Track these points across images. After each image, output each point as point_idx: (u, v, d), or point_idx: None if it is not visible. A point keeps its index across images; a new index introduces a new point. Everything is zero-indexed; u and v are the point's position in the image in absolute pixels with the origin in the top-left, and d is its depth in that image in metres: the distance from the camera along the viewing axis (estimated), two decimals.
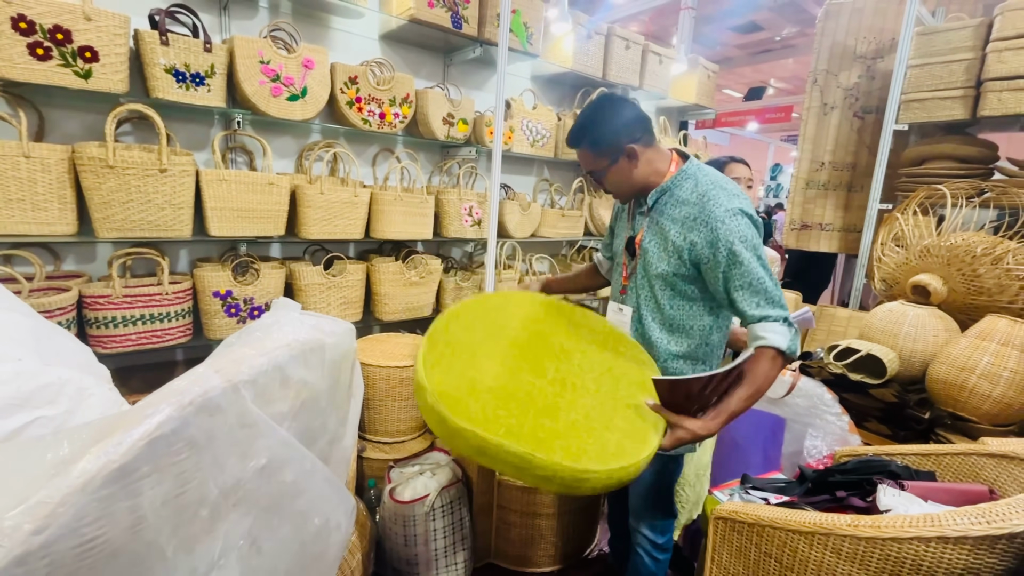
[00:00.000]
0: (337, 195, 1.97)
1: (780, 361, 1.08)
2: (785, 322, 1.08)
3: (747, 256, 1.08)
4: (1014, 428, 1.72)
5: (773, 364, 1.08)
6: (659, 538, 1.41)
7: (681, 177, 1.19)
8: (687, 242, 1.14)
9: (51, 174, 1.46)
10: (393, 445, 1.99)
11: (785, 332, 1.07)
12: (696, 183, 1.17)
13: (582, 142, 1.22)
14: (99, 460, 0.42)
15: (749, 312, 1.10)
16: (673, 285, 1.20)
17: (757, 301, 1.09)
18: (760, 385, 1.08)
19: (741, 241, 1.08)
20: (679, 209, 1.17)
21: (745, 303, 1.10)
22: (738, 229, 1.09)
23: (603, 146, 1.20)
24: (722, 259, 1.10)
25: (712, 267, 1.12)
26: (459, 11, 2.19)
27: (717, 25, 6.73)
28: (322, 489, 0.72)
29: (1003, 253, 1.86)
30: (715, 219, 1.09)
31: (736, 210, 1.10)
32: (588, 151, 1.22)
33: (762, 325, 1.09)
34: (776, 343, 1.06)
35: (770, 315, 1.08)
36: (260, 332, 0.67)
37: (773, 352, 1.07)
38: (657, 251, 1.21)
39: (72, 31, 1.43)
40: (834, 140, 3.07)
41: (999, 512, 0.93)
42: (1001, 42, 2.24)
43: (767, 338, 1.07)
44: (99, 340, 1.61)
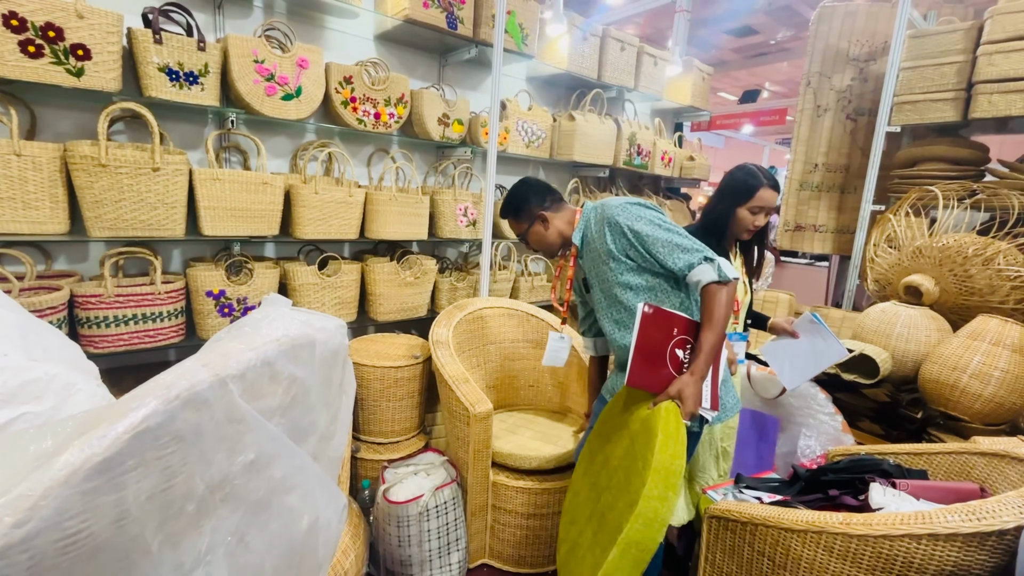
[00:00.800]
0: (332, 195, 1.97)
1: (721, 289, 1.21)
2: (706, 260, 1.23)
3: (648, 228, 1.27)
4: (1005, 427, 1.73)
5: (718, 295, 1.21)
6: None
7: (585, 214, 1.45)
8: (609, 244, 1.33)
9: (43, 172, 1.45)
10: (387, 445, 1.98)
11: (710, 268, 1.22)
12: (595, 210, 1.40)
13: (506, 215, 1.53)
14: (83, 453, 0.42)
15: (677, 267, 1.25)
16: (628, 284, 1.35)
17: (675, 256, 1.25)
18: (717, 316, 1.21)
19: (637, 219, 1.29)
20: (594, 231, 1.38)
21: (670, 262, 1.26)
22: (630, 214, 1.30)
23: (520, 214, 1.49)
24: (632, 238, 1.29)
25: (634, 249, 1.30)
26: (454, 12, 2.19)
27: (712, 28, 6.77)
28: (312, 486, 0.72)
29: (994, 254, 1.88)
30: (612, 216, 1.32)
31: (623, 204, 1.33)
32: (512, 220, 1.53)
33: (692, 271, 1.24)
34: (708, 278, 1.21)
35: (692, 261, 1.24)
36: (249, 327, 0.67)
37: (710, 286, 1.22)
38: (601, 267, 1.38)
39: (64, 29, 1.42)
40: (827, 142, 3.09)
41: (989, 510, 0.93)
42: (991, 45, 2.27)
43: (700, 279, 1.23)
44: (90, 340, 1.60)
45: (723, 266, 1.22)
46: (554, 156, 2.82)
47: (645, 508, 0.99)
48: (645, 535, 0.98)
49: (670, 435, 1.08)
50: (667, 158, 3.26)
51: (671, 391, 1.19)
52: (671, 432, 1.08)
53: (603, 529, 1.15)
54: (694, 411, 1.17)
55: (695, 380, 1.19)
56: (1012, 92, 2.21)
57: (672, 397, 1.18)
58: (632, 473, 1.12)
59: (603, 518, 1.18)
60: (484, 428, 1.68)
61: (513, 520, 1.79)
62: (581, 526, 1.31)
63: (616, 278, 1.35)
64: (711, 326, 1.21)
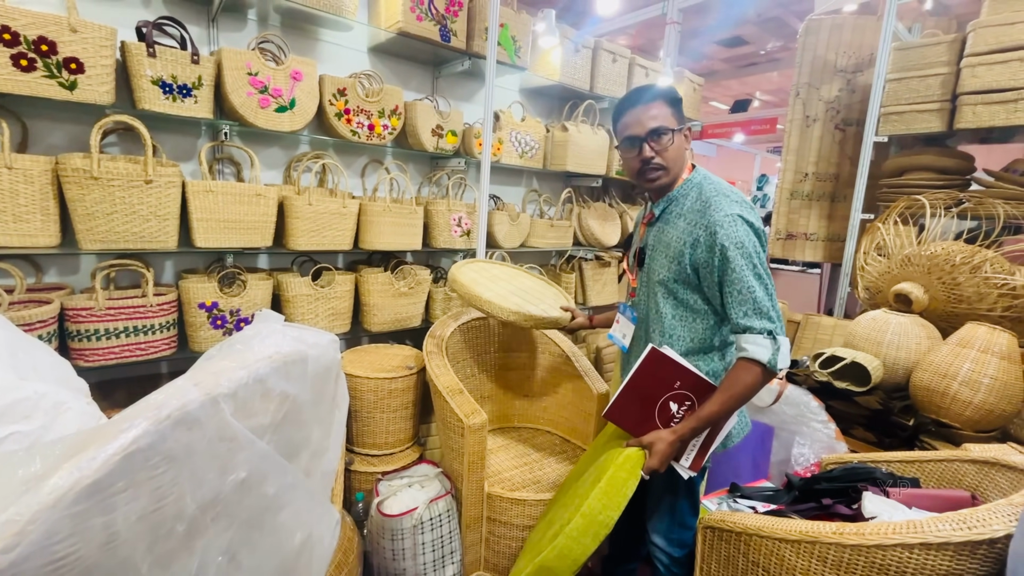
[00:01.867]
0: (325, 206, 1.97)
1: (759, 373, 1.07)
2: (770, 335, 1.07)
3: (740, 262, 1.07)
4: (996, 433, 1.75)
5: (750, 375, 1.07)
6: (676, 551, 1.34)
7: (687, 186, 1.20)
8: (688, 247, 1.14)
9: (34, 185, 1.45)
10: (381, 457, 1.97)
11: (767, 345, 1.06)
12: (700, 191, 1.17)
13: (665, 96, 1.18)
14: (72, 476, 0.41)
15: (736, 320, 1.10)
16: (675, 293, 1.19)
17: (744, 310, 1.08)
18: (734, 393, 1.08)
19: (736, 246, 1.07)
20: (683, 217, 1.17)
21: (733, 310, 1.09)
22: (735, 234, 1.08)
23: (678, 107, 1.18)
24: (717, 262, 1.09)
25: (708, 270, 1.12)
26: (447, 25, 2.22)
27: (703, 39, 6.86)
28: (304, 503, 0.71)
29: (981, 262, 1.90)
30: (714, 223, 1.09)
31: (735, 216, 1.09)
32: (668, 106, 1.17)
33: (745, 336, 1.09)
34: (756, 355, 1.06)
35: (754, 327, 1.07)
36: (241, 344, 0.67)
37: (751, 364, 1.07)
38: (660, 258, 1.20)
39: (57, 43, 1.43)
40: (817, 152, 3.13)
41: (980, 518, 0.94)
42: (974, 57, 2.31)
43: (747, 350, 1.07)
44: (81, 353, 1.58)
45: (782, 354, 1.07)
46: (547, 166, 2.84)
47: (560, 542, 1.04)
48: (556, 565, 1.03)
49: (613, 485, 1.05)
50: None
51: (644, 439, 1.13)
52: (616, 483, 1.06)
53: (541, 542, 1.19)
54: (657, 468, 1.10)
55: (672, 440, 1.11)
56: (995, 103, 2.26)
57: (643, 446, 1.12)
58: (571, 508, 1.14)
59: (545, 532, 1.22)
60: (479, 439, 1.67)
61: (509, 532, 1.77)
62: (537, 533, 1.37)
63: (666, 279, 1.18)
64: (723, 399, 1.09)
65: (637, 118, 1.17)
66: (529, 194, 3.09)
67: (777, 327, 1.08)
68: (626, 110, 1.19)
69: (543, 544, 1.15)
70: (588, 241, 3.08)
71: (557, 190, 3.20)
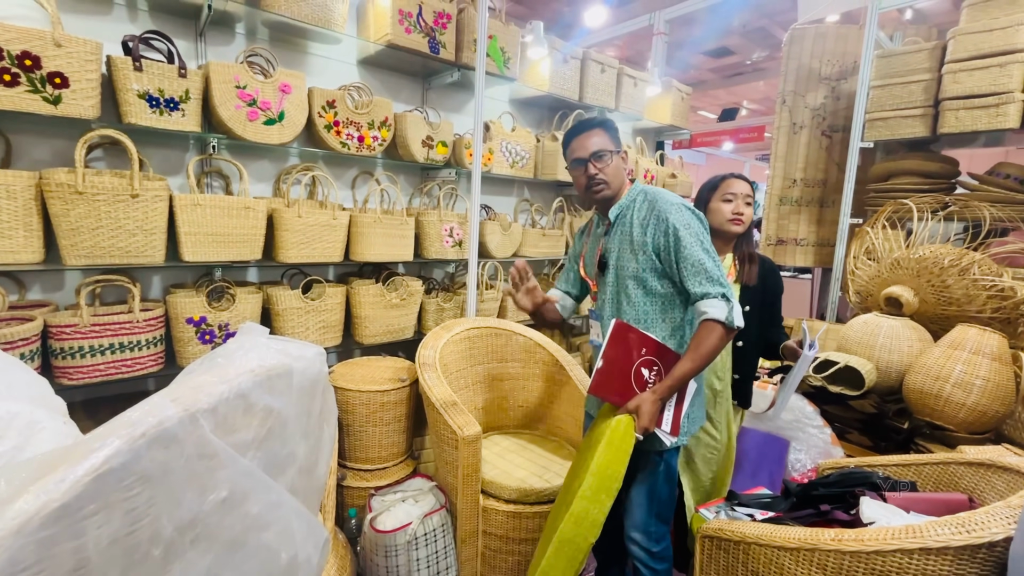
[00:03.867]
0: (315, 218, 1.96)
1: (721, 330, 1.22)
2: (723, 297, 1.23)
3: (689, 239, 1.25)
4: (990, 435, 1.75)
5: (714, 333, 1.22)
6: (654, 546, 1.40)
7: (633, 193, 1.41)
8: (648, 236, 1.31)
9: (17, 201, 1.43)
10: (374, 472, 1.93)
11: (723, 306, 1.22)
12: (645, 194, 1.38)
13: (600, 125, 1.39)
14: (38, 499, 0.39)
15: (693, 290, 1.25)
16: (644, 282, 1.34)
17: (699, 280, 1.24)
18: (703, 351, 1.22)
19: (685, 227, 1.26)
20: (636, 216, 1.36)
21: (689, 281, 1.26)
22: (682, 218, 1.28)
23: (615, 134, 1.41)
24: (672, 243, 1.27)
25: (667, 252, 1.29)
26: (436, 37, 2.23)
27: (690, 50, 6.97)
28: (290, 521, 0.69)
29: (969, 264, 1.92)
30: (665, 211, 1.29)
31: (679, 204, 1.31)
32: (606, 134, 1.39)
33: (703, 302, 1.24)
34: (715, 315, 1.21)
35: (710, 292, 1.23)
36: (223, 358, 0.65)
37: (713, 323, 1.22)
38: (626, 255, 1.36)
39: (41, 57, 1.41)
40: (804, 158, 3.17)
41: (978, 521, 0.93)
42: (955, 64, 2.36)
43: (708, 312, 1.22)
44: (65, 371, 1.55)
45: (735, 312, 1.22)
46: (538, 176, 2.85)
47: (577, 507, 1.06)
48: (576, 533, 1.05)
49: (613, 444, 1.13)
50: (649, 176, 3.31)
51: (630, 405, 1.23)
52: (616, 441, 1.14)
53: (552, 529, 1.21)
54: (647, 427, 1.21)
55: (654, 399, 1.23)
56: (977, 108, 2.29)
57: (630, 411, 1.22)
58: (577, 478, 1.19)
59: (555, 519, 1.24)
60: (473, 452, 1.65)
61: (505, 546, 1.74)
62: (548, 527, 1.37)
63: (637, 271, 1.33)
64: (693, 357, 1.23)
65: (582, 144, 1.39)
66: (521, 203, 3.09)
67: (727, 291, 1.24)
68: (573, 138, 1.42)
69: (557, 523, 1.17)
70: None
71: (548, 199, 3.21)
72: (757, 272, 1.70)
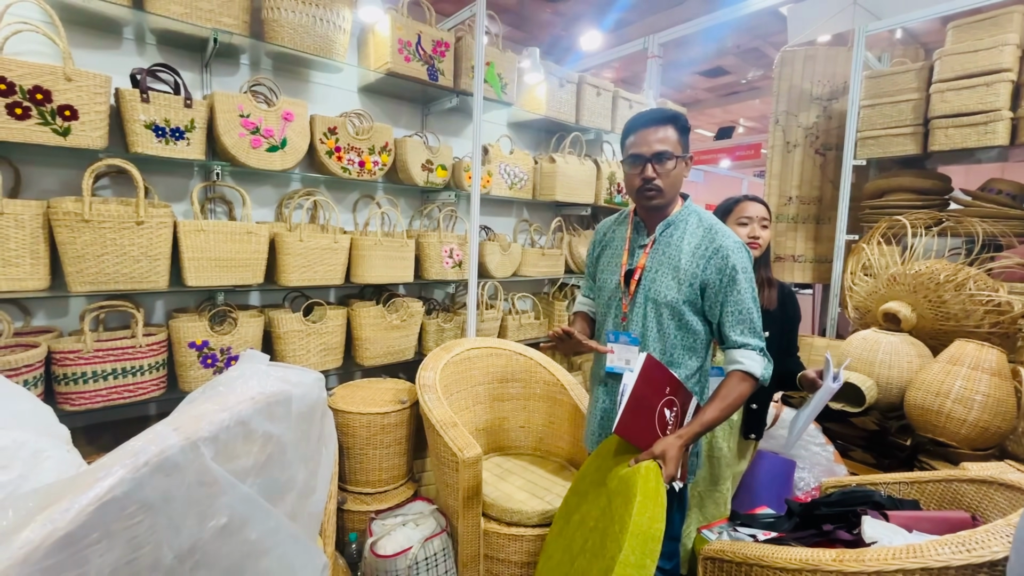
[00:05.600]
0: (317, 242, 1.99)
1: (752, 384, 1.20)
2: (761, 352, 1.21)
3: (744, 285, 1.20)
4: (993, 451, 1.74)
5: (745, 386, 1.19)
6: (665, 563, 1.37)
7: (686, 212, 1.29)
8: (699, 268, 1.22)
9: (25, 230, 1.46)
10: (375, 495, 1.92)
11: (761, 361, 1.20)
12: (700, 218, 1.28)
13: (675, 121, 1.23)
14: (44, 529, 0.41)
15: (732, 337, 1.21)
16: (680, 315, 1.24)
17: (742, 329, 1.21)
18: (731, 402, 1.19)
19: (743, 271, 1.21)
20: (687, 240, 1.25)
21: (731, 328, 1.22)
22: (743, 260, 1.21)
23: (686, 139, 1.25)
24: (726, 283, 1.20)
25: (715, 291, 1.22)
26: (435, 64, 2.29)
27: (685, 70, 7.11)
28: (289, 547, 0.70)
29: (964, 279, 1.93)
30: (726, 248, 1.21)
31: (741, 244, 1.24)
32: (676, 132, 1.23)
33: (741, 351, 1.21)
34: (752, 369, 1.19)
35: (750, 343, 1.21)
36: (223, 386, 0.66)
37: (747, 376, 1.20)
38: (666, 279, 1.25)
39: (52, 91, 1.46)
40: (799, 176, 3.21)
41: (979, 540, 0.93)
42: (942, 83, 2.41)
43: (744, 364, 1.20)
44: (68, 397, 1.56)
45: (769, 370, 1.21)
46: (537, 197, 2.89)
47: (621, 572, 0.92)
48: None
49: (649, 496, 1.02)
50: None
51: (655, 450, 1.12)
52: (651, 493, 1.02)
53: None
54: (674, 475, 1.12)
55: (681, 445, 1.14)
56: (966, 126, 2.34)
57: (656, 456, 1.12)
58: (608, 537, 1.05)
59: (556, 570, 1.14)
60: (474, 474, 1.64)
61: (507, 570, 1.72)
62: None
63: (674, 301, 1.23)
64: (721, 407, 1.17)
65: (645, 138, 1.22)
66: (520, 224, 3.13)
67: (764, 346, 1.22)
68: (636, 129, 1.24)
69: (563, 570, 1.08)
70: (580, 268, 3.10)
71: (547, 219, 3.24)
72: (776, 297, 1.64)
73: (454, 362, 2.08)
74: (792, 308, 1.68)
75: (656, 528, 0.98)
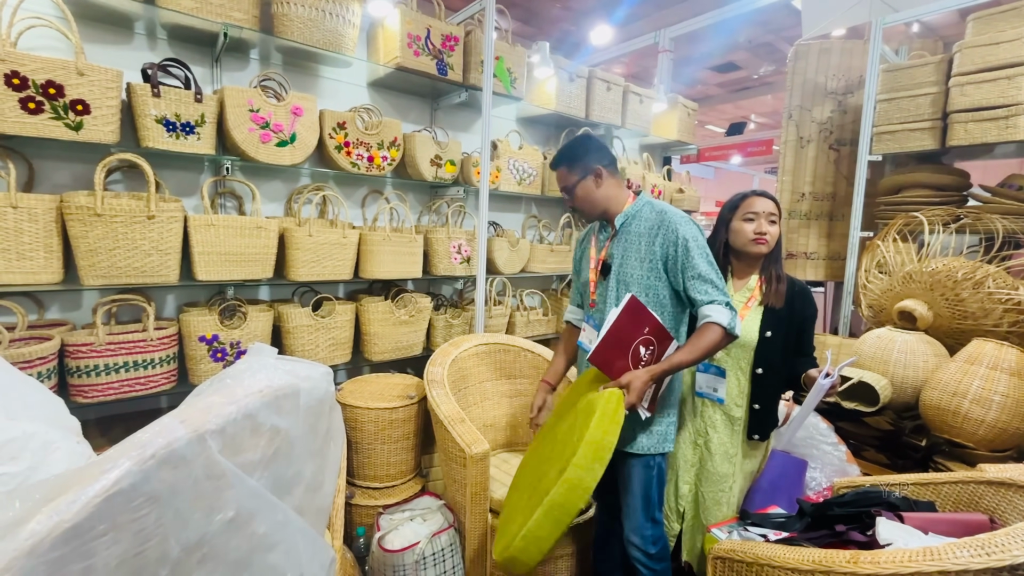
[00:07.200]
0: (326, 237, 1.99)
1: (721, 332, 1.30)
2: (727, 305, 1.31)
3: (696, 252, 1.34)
4: (1012, 453, 1.70)
5: (715, 334, 1.30)
6: (651, 548, 1.46)
7: (639, 204, 1.48)
8: (656, 246, 1.39)
9: (38, 223, 1.47)
10: (383, 490, 1.93)
11: (726, 312, 1.30)
12: (652, 206, 1.45)
13: (560, 163, 1.50)
14: (50, 520, 0.40)
15: (699, 299, 1.33)
16: (651, 289, 1.41)
17: (705, 288, 1.33)
18: (699, 346, 1.30)
19: (693, 239, 1.35)
20: (643, 226, 1.43)
21: (695, 291, 1.34)
22: (690, 231, 1.37)
23: (575, 164, 1.47)
24: (680, 254, 1.35)
25: (674, 262, 1.37)
26: (444, 59, 2.28)
27: (696, 65, 7.03)
28: (296, 541, 0.69)
29: (983, 277, 1.89)
30: (673, 224, 1.37)
31: (687, 219, 1.39)
32: (564, 169, 1.49)
33: (709, 306, 1.32)
34: (718, 319, 1.29)
35: (716, 299, 1.32)
36: (231, 379, 0.66)
37: (715, 326, 1.30)
38: (631, 262, 1.44)
39: (65, 86, 1.47)
40: (812, 172, 3.16)
41: (999, 543, 0.90)
42: (962, 77, 2.35)
43: (711, 315, 1.30)
44: (80, 389, 1.58)
45: (737, 320, 1.31)
46: (546, 192, 2.87)
47: (571, 475, 1.10)
48: (568, 499, 1.10)
49: (607, 415, 1.19)
50: (656, 191, 3.33)
51: (622, 380, 1.29)
52: (609, 413, 1.19)
53: (535, 494, 1.22)
54: (635, 403, 1.27)
55: (647, 379, 1.29)
56: (986, 120, 2.28)
57: (621, 385, 1.28)
58: (568, 446, 1.22)
59: (538, 484, 1.26)
60: (481, 469, 1.64)
61: None
62: (520, 492, 1.39)
63: (642, 279, 1.41)
64: (691, 351, 1.31)
65: (558, 181, 1.54)
66: (528, 220, 3.11)
67: (730, 299, 1.33)
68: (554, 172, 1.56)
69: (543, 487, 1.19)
70: None
71: (556, 215, 3.22)
72: (785, 293, 1.58)
73: (462, 358, 2.07)
74: (803, 306, 1.62)
75: (608, 440, 1.14)
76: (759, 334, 1.57)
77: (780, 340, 1.58)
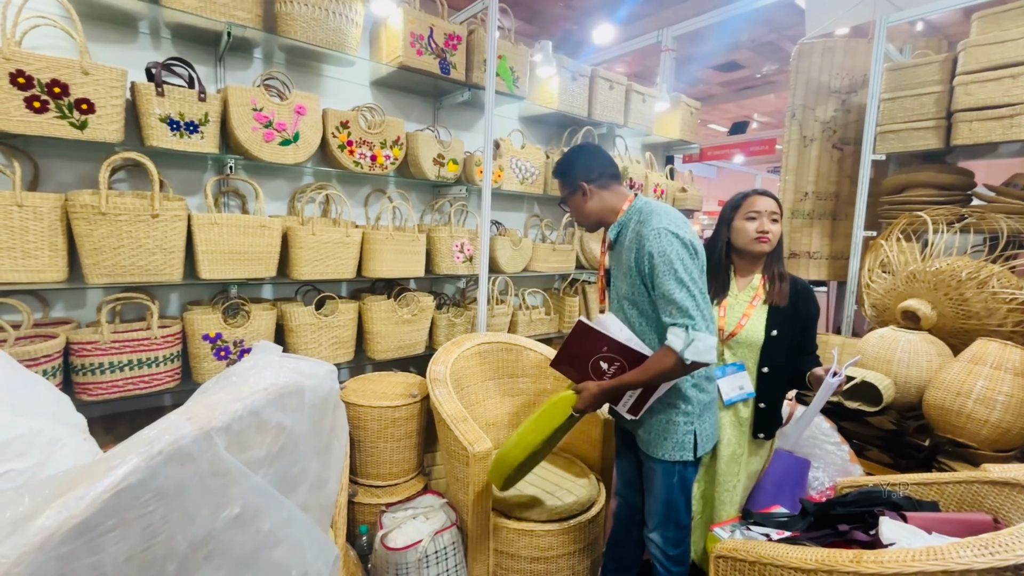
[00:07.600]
0: (329, 235, 1.99)
1: (674, 359, 1.24)
2: (686, 329, 1.23)
3: (662, 269, 1.25)
4: (1016, 453, 1.70)
5: (667, 359, 1.25)
6: (671, 550, 1.45)
7: (630, 213, 1.41)
8: (634, 261, 1.34)
9: (43, 222, 1.48)
10: (386, 488, 1.93)
11: (682, 336, 1.23)
12: (640, 213, 1.37)
13: (555, 176, 1.52)
14: (59, 516, 0.41)
15: (663, 319, 1.29)
16: (637, 304, 1.39)
17: (669, 310, 1.26)
18: (649, 370, 1.29)
19: (660, 255, 1.25)
20: (628, 238, 1.39)
21: (661, 312, 1.29)
22: (659, 245, 1.26)
23: (564, 179, 1.47)
24: (648, 271, 1.29)
25: (648, 279, 1.31)
26: (447, 58, 2.28)
27: (699, 64, 7.02)
28: (301, 538, 0.70)
29: (987, 277, 1.88)
30: (644, 237, 1.29)
31: (662, 229, 1.27)
32: (558, 181, 1.51)
33: (670, 329, 1.27)
34: (672, 344, 1.24)
35: (677, 322, 1.25)
36: (237, 377, 0.67)
37: (669, 351, 1.25)
38: (620, 276, 1.42)
39: (70, 85, 1.48)
40: (815, 171, 3.15)
41: (1003, 543, 0.90)
42: (967, 75, 2.34)
43: (668, 340, 1.26)
44: (85, 387, 1.59)
45: (696, 346, 1.21)
46: (548, 191, 2.87)
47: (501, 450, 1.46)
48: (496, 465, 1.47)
49: (546, 411, 1.41)
50: (659, 190, 3.32)
51: (577, 385, 1.39)
52: (550, 409, 1.40)
53: None
54: (582, 409, 1.37)
55: (596, 392, 1.35)
56: (991, 119, 2.27)
57: (576, 391, 1.38)
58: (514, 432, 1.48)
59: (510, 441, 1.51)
60: (484, 468, 1.64)
61: (517, 565, 1.72)
62: None
63: (629, 291, 1.40)
64: (640, 372, 1.31)
65: None
66: (531, 219, 3.11)
67: (696, 323, 1.23)
68: None
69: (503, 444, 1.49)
70: (591, 264, 3.08)
71: (558, 214, 3.22)
72: (788, 292, 1.60)
73: (465, 356, 2.08)
74: (806, 305, 1.63)
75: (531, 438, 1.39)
76: (765, 333, 1.57)
77: (785, 339, 1.58)
